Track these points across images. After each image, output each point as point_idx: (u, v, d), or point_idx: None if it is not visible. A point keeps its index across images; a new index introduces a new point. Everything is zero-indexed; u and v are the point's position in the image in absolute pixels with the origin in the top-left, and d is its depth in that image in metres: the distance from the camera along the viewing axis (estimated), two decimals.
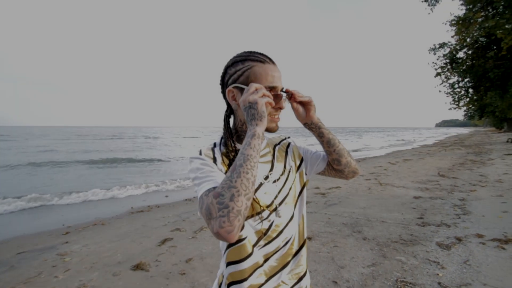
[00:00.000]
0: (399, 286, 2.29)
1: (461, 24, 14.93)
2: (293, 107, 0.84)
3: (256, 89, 0.68)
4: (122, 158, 14.88)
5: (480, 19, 14.17)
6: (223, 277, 0.80)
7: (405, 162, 10.73)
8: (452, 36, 16.35)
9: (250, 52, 0.77)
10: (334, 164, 0.88)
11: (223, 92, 0.81)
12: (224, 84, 0.80)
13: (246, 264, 0.74)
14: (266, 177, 0.79)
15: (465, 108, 20.31)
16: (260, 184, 0.77)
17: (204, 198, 0.62)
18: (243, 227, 0.72)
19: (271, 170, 0.82)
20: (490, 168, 8.17)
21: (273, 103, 0.72)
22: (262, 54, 0.77)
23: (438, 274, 2.44)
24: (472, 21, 14.39)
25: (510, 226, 3.48)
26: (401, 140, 35.43)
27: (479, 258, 2.70)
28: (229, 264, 0.76)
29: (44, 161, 13.57)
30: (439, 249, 2.94)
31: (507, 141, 18.65)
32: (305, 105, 0.83)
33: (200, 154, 0.76)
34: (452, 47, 17.07)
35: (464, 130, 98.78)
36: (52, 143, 29.60)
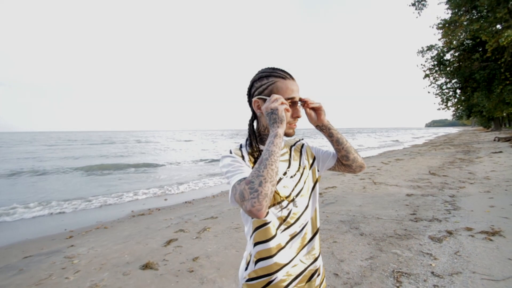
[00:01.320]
0: (395, 276, 2.46)
1: (447, 27, 15.46)
2: (306, 112, 1.00)
3: (276, 99, 0.85)
4: (118, 164, 14.76)
5: (465, 22, 14.72)
6: (250, 255, 0.94)
7: (397, 161, 11.03)
8: (439, 39, 16.89)
9: (274, 69, 0.94)
10: (343, 160, 1.03)
11: (249, 102, 0.99)
12: (250, 95, 0.97)
13: (271, 244, 0.89)
14: (285, 173, 0.95)
15: (453, 108, 20.89)
16: (280, 179, 0.92)
17: (236, 186, 0.78)
18: (267, 213, 0.88)
19: (288, 167, 0.97)
20: (478, 166, 8.51)
21: (290, 110, 0.89)
22: (284, 71, 0.93)
23: (431, 265, 2.63)
24: (457, 24, 14.93)
25: (497, 219, 3.71)
26: (395, 140, 36.10)
27: (468, 249, 2.89)
28: (256, 244, 0.91)
29: (41, 168, 13.36)
30: (432, 242, 3.13)
31: (494, 140, 19.30)
32: (316, 110, 0.99)
33: (231, 152, 0.93)
34: (439, 49, 17.61)
35: (453, 130, 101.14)
36: (46, 149, 29.08)
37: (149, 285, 2.54)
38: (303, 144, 1.08)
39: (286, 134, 0.93)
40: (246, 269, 0.95)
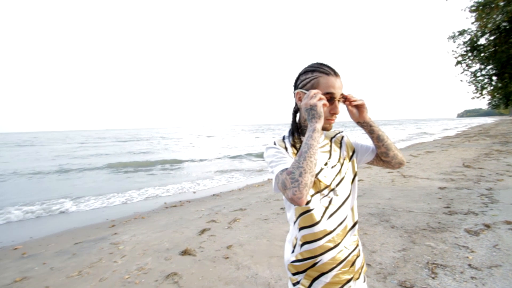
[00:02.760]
0: (430, 268, 2.45)
1: (482, 9, 14.33)
2: (348, 109, 1.02)
3: (315, 94, 0.89)
4: (147, 161, 15.45)
5: (501, 3, 13.56)
6: (296, 239, 1.01)
7: (427, 154, 10.58)
8: (473, 23, 15.72)
9: (320, 64, 0.98)
10: (382, 156, 1.06)
11: (294, 93, 1.05)
12: (295, 87, 1.03)
13: (316, 229, 0.95)
14: (326, 164, 0.99)
15: (489, 96, 19.45)
16: (321, 169, 0.97)
17: (279, 176, 0.85)
18: (309, 201, 0.95)
19: (329, 158, 1.02)
20: None
21: (327, 104, 0.92)
22: (329, 67, 0.95)
23: (468, 257, 2.58)
24: (493, 5, 13.79)
25: None
26: (422, 132, 34.40)
27: (508, 243, 2.80)
28: (301, 228, 0.99)
29: (77, 167, 14.34)
30: (468, 235, 3.05)
31: None
32: (359, 107, 1.01)
33: (275, 144, 1.00)
34: (472, 34, 16.41)
35: (488, 120, 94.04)
36: (79, 146, 31.07)
37: (189, 269, 2.74)
38: (343, 136, 1.11)
39: (323, 129, 0.97)
40: (292, 251, 1.02)
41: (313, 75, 0.95)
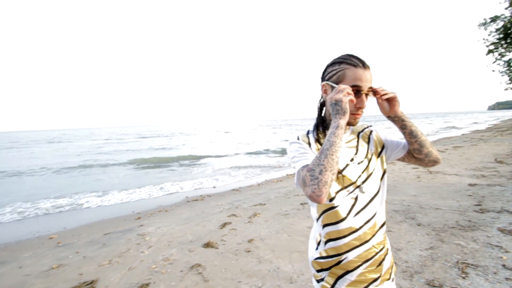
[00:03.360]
0: (460, 267, 2.35)
1: None
2: (378, 103, 0.96)
3: (342, 89, 0.84)
4: (169, 157, 15.89)
5: None
6: (320, 236, 0.98)
7: (455, 149, 10.05)
8: (506, 8, 14.60)
9: (348, 55, 0.92)
10: (415, 153, 0.98)
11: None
12: (322, 79, 1.00)
13: (341, 226, 0.92)
14: (352, 159, 0.95)
15: None
16: (346, 165, 0.93)
17: (300, 172, 0.83)
18: (333, 198, 0.92)
19: (356, 153, 0.97)
20: None
21: (355, 100, 0.86)
22: (358, 59, 0.90)
23: (502, 257, 2.44)
24: None
25: None
26: (450, 126, 32.69)
27: None
28: (325, 225, 0.96)
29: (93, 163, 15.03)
30: (501, 234, 2.88)
31: None
32: (390, 100, 0.94)
33: (298, 139, 0.98)
34: (506, 20, 15.24)
35: None
36: (105, 143, 32.54)
37: (212, 261, 2.81)
38: (371, 131, 1.05)
39: (349, 124, 0.94)
40: (316, 248, 1.01)
41: (340, 67, 0.91)
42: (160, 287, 2.39)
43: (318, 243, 1.00)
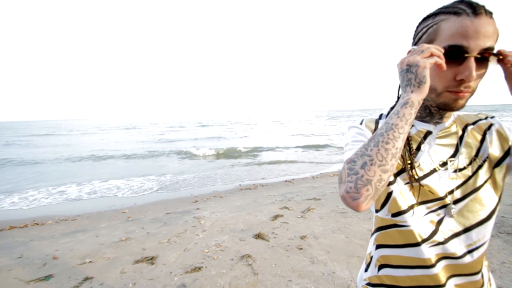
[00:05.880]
0: None
1: None
2: (506, 75, 0.59)
3: (422, 49, 0.56)
4: (230, 148, 16.56)
5: None
6: (371, 257, 0.76)
7: None
8: None
9: (453, 2, 0.59)
10: None
11: None
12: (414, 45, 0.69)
13: (405, 253, 0.66)
14: (444, 164, 0.65)
15: None
16: (433, 170, 0.65)
17: (344, 164, 0.60)
18: (403, 211, 0.64)
19: (453, 156, 0.66)
20: None
21: (443, 66, 0.55)
22: (465, 2, 0.57)
23: None
24: None
25: None
26: None
27: None
28: (379, 246, 0.72)
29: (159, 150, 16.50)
30: None
31: None
32: None
33: (361, 123, 0.74)
34: None
35: None
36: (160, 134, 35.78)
37: (263, 254, 2.73)
38: (491, 125, 0.69)
39: (446, 106, 0.61)
40: (366, 270, 0.78)
41: (434, 21, 0.60)
42: (212, 273, 2.42)
43: (368, 264, 0.77)
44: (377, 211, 0.71)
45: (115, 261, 2.74)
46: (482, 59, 0.57)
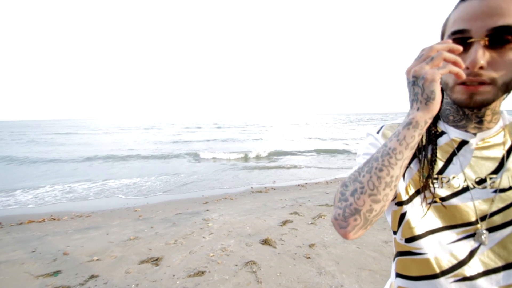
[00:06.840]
0: None
1: None
2: None
3: (429, 52, 0.46)
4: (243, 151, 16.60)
5: None
6: (391, 285, 0.67)
7: None
8: None
9: None
10: None
11: None
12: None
13: (421, 286, 0.56)
14: (481, 181, 0.53)
15: None
16: (466, 189, 0.53)
17: (339, 185, 0.54)
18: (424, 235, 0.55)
19: (495, 172, 0.53)
20: None
21: (460, 74, 0.44)
22: None
23: None
24: None
25: None
26: None
27: None
28: (398, 275, 0.62)
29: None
30: None
31: None
32: None
33: (378, 131, 0.64)
34: None
35: None
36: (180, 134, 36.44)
37: (268, 261, 2.65)
38: None
39: (461, 103, 0.51)
40: None
41: (457, 7, 0.52)
42: (214, 278, 2.37)
43: None
44: (394, 233, 0.62)
45: (122, 260, 2.76)
46: (498, 41, 0.46)
